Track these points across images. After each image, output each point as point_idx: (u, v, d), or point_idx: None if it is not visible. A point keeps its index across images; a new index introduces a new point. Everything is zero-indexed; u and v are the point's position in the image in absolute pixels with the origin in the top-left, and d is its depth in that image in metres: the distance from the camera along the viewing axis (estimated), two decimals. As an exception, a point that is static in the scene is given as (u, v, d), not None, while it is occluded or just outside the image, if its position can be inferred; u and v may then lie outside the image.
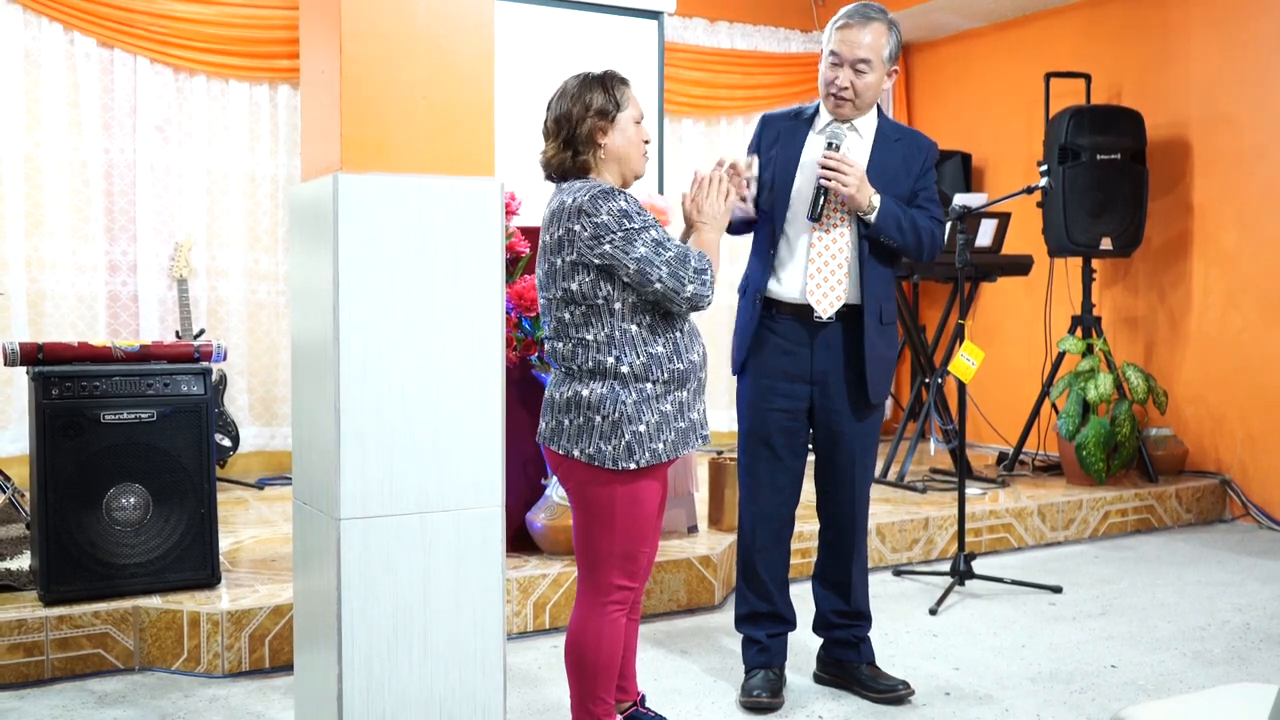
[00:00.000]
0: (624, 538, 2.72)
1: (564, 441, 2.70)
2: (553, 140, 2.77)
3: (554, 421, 2.73)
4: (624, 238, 2.60)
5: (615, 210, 2.60)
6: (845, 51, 3.21)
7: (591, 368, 2.67)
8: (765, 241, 3.33)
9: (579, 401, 2.67)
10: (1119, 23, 6.56)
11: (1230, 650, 3.87)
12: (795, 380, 3.30)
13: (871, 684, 3.41)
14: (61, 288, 5.75)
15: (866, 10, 3.25)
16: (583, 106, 2.71)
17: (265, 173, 6.20)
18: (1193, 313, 6.23)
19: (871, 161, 3.28)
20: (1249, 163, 5.93)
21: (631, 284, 2.64)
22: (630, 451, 2.65)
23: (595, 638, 2.74)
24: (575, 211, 2.62)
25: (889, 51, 3.24)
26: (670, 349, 2.70)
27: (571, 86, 2.76)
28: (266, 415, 6.26)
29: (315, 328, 2.61)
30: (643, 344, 2.67)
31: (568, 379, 2.72)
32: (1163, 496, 5.76)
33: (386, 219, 2.50)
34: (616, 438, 2.65)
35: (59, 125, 5.72)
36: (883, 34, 3.22)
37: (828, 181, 3.17)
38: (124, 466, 3.65)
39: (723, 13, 7.44)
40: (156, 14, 5.86)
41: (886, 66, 3.26)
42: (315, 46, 2.68)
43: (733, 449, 7.09)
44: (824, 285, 3.24)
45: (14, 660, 3.40)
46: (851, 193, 3.16)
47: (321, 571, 2.61)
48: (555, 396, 2.74)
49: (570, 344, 2.69)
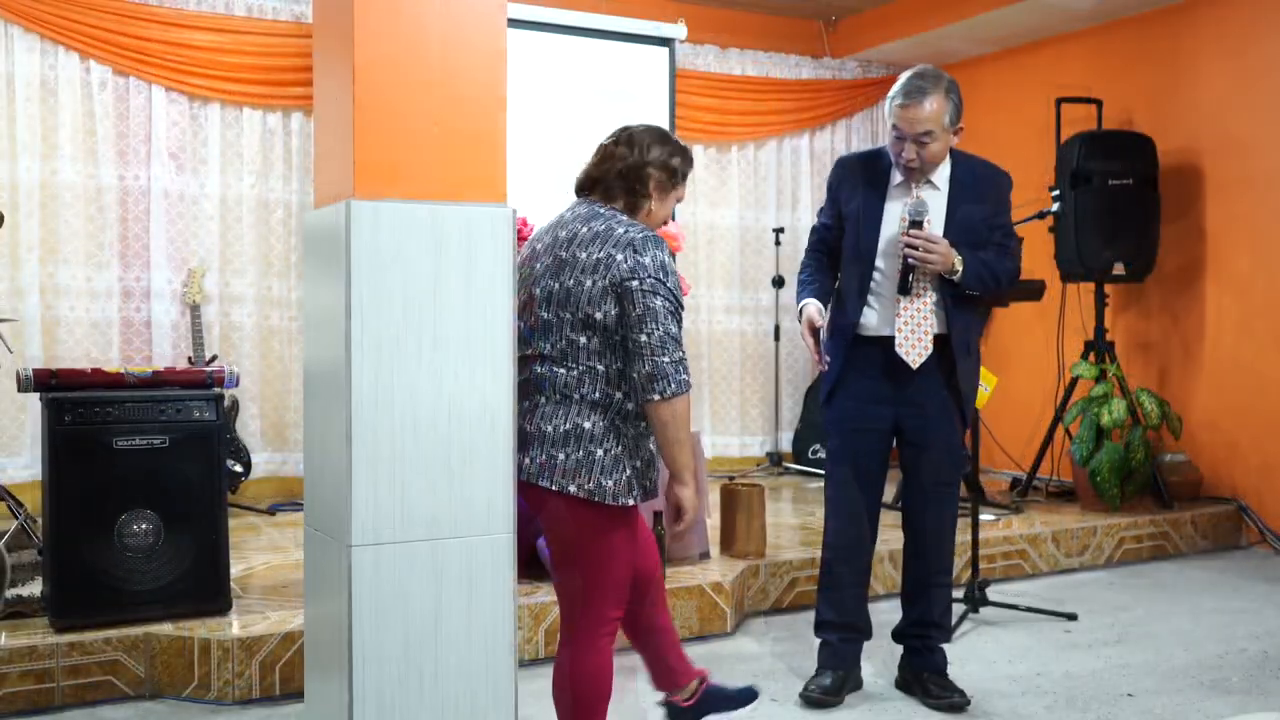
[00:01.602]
0: (619, 570, 2.70)
1: (558, 477, 2.60)
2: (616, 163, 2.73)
3: (543, 455, 2.62)
4: (652, 286, 2.57)
5: (659, 260, 2.59)
6: (906, 129, 3.32)
7: (597, 399, 2.61)
8: (855, 289, 3.48)
9: (580, 434, 2.60)
10: (1130, 48, 6.57)
11: (1249, 679, 3.83)
12: (881, 403, 3.47)
13: (931, 691, 3.55)
14: (76, 314, 5.77)
15: (922, 85, 3.31)
16: (662, 157, 2.74)
17: (278, 199, 6.23)
18: (1206, 338, 6.20)
19: (949, 215, 3.43)
20: (1261, 188, 5.92)
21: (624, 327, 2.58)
22: (630, 487, 2.63)
23: (588, 676, 2.69)
24: (626, 243, 2.59)
25: (949, 117, 3.33)
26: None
27: (657, 135, 2.78)
28: (278, 441, 6.26)
29: (327, 353, 2.61)
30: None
31: (563, 410, 2.61)
32: (1178, 523, 5.72)
33: (398, 245, 2.51)
34: (618, 472, 2.61)
35: (74, 153, 5.76)
36: (940, 103, 3.30)
37: (914, 259, 3.31)
38: (136, 492, 3.65)
39: (734, 39, 7.47)
40: (172, 43, 5.91)
41: (951, 130, 3.36)
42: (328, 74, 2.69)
43: (744, 473, 7.11)
44: (911, 339, 3.40)
45: (25, 687, 3.39)
46: (937, 267, 3.32)
47: (332, 598, 2.60)
48: (546, 430, 2.62)
49: (579, 370, 2.61)
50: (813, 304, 3.48)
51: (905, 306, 3.39)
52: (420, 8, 2.59)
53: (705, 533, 4.64)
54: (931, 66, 3.42)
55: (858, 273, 3.47)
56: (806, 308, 3.47)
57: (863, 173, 3.52)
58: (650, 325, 2.55)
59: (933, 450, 3.49)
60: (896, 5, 7.23)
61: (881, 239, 3.44)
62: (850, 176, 3.54)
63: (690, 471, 2.64)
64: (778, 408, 7.55)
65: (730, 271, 7.46)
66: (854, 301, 3.47)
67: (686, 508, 2.66)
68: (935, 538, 3.58)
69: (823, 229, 3.62)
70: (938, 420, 3.48)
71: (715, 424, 7.46)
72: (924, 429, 3.47)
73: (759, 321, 7.56)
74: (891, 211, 3.43)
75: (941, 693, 3.53)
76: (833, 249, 3.59)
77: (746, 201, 7.52)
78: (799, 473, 7.25)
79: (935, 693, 3.54)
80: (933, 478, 3.53)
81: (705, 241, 7.38)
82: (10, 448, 5.64)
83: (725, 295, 7.45)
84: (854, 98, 7.80)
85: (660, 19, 6.96)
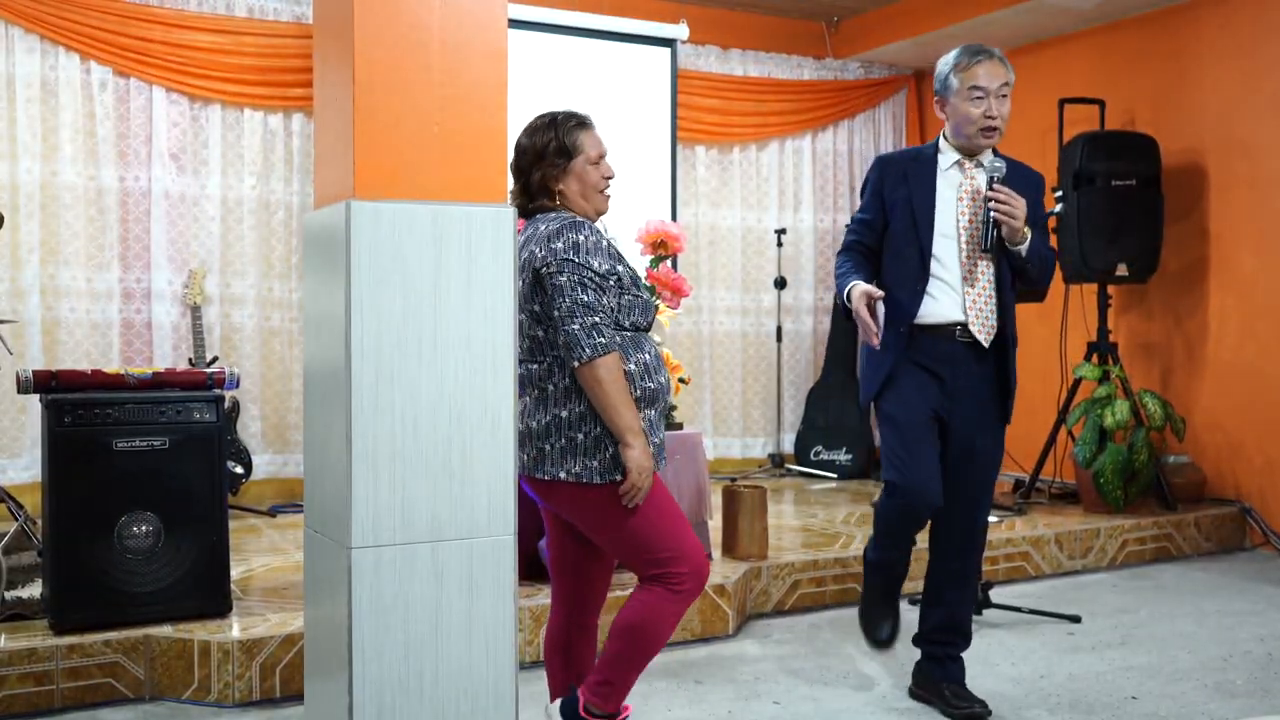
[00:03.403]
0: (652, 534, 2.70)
1: (548, 467, 2.69)
2: (515, 183, 2.85)
3: (534, 450, 2.72)
4: (558, 267, 2.65)
5: (571, 241, 2.67)
6: (989, 83, 3.32)
7: (568, 385, 2.69)
8: (912, 275, 3.40)
9: (559, 424, 2.69)
10: (1133, 49, 6.56)
11: (1253, 681, 3.81)
12: (934, 397, 3.41)
13: (950, 701, 3.48)
14: (76, 315, 5.77)
15: (983, 46, 3.38)
16: (534, 154, 2.80)
17: (279, 200, 6.23)
18: (1209, 339, 6.19)
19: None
20: (1265, 189, 5.91)
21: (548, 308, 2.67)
22: (616, 463, 2.67)
23: (657, 623, 2.71)
24: (543, 237, 2.70)
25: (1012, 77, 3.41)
26: (640, 369, 2.73)
27: (526, 133, 2.84)
28: (279, 442, 6.26)
29: (328, 354, 2.60)
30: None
31: (541, 404, 2.71)
32: (1181, 524, 5.71)
33: (399, 245, 2.50)
34: (601, 452, 2.67)
35: (75, 154, 5.76)
36: (1006, 62, 3.38)
37: (999, 214, 3.27)
38: (136, 494, 3.64)
39: (736, 40, 7.46)
40: (173, 44, 5.91)
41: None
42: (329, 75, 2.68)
43: (745, 475, 7.10)
44: (981, 314, 3.37)
45: (24, 689, 3.38)
46: (1019, 225, 3.28)
47: (333, 600, 2.59)
48: (532, 426, 2.72)
49: (546, 362, 2.71)
50: (862, 283, 3.36)
51: (979, 275, 3.36)
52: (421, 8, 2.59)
53: (707, 535, 4.63)
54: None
55: (916, 258, 3.39)
56: (856, 287, 3.34)
57: (906, 165, 3.49)
58: (559, 300, 2.64)
59: (981, 451, 3.44)
60: (899, 6, 7.22)
61: (937, 227, 3.39)
62: (894, 171, 3.49)
63: (632, 432, 2.64)
64: (780, 409, 7.54)
65: (732, 272, 7.45)
66: (913, 289, 3.39)
67: (631, 468, 2.64)
68: (969, 540, 3.52)
69: (862, 226, 3.52)
70: (989, 422, 3.43)
71: (717, 425, 7.45)
72: (970, 427, 3.41)
73: (761, 323, 7.55)
74: (944, 200, 3.40)
75: (961, 703, 3.45)
76: (872, 248, 3.51)
77: (748, 203, 7.51)
78: (801, 474, 7.23)
79: (955, 702, 3.46)
80: (974, 478, 3.46)
81: (707, 242, 7.37)
82: (10, 449, 5.64)
83: (727, 296, 7.44)
84: (856, 99, 7.78)
85: (662, 20, 6.96)
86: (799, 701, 3.59)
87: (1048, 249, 3.45)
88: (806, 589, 4.64)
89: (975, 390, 3.41)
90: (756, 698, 3.62)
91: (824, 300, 7.65)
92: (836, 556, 4.74)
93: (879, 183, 3.50)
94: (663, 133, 6.88)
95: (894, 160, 3.55)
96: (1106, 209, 5.95)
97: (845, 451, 7.14)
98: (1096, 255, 5.96)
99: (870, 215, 3.51)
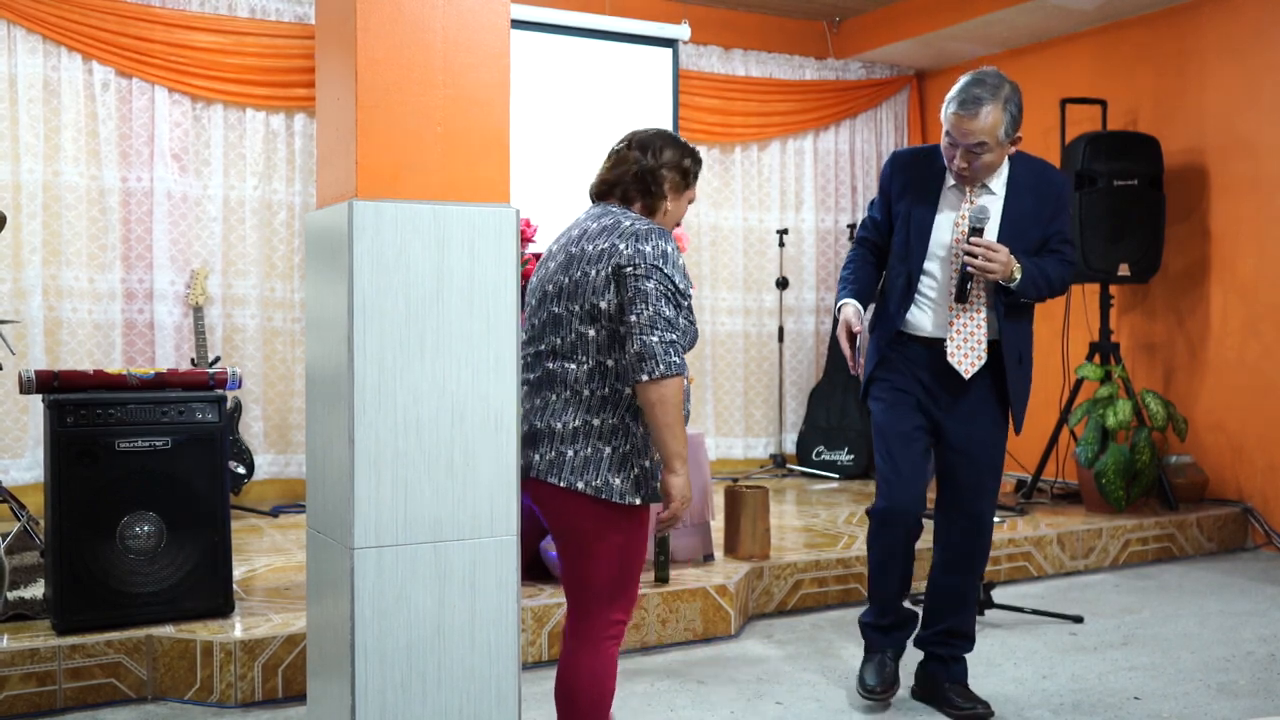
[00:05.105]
0: (625, 572, 2.67)
1: (566, 474, 2.59)
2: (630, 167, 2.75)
3: (552, 452, 2.61)
4: (646, 271, 2.56)
5: (661, 249, 2.59)
6: (959, 138, 3.22)
7: (606, 394, 2.60)
8: (901, 289, 3.38)
9: (589, 430, 2.59)
10: (1134, 49, 6.55)
11: (1256, 682, 3.81)
12: (921, 407, 3.39)
13: (953, 702, 3.46)
14: (78, 315, 5.77)
15: (979, 95, 3.18)
16: (675, 160, 2.76)
17: (281, 201, 6.23)
18: (1211, 339, 6.18)
19: (1004, 219, 3.32)
20: (1267, 189, 5.90)
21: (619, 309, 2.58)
22: (637, 486, 2.61)
23: (591, 678, 2.66)
24: (631, 233, 2.61)
25: (1005, 129, 3.21)
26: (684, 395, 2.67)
27: (670, 141, 2.79)
28: (281, 443, 6.26)
29: (330, 354, 2.60)
30: None
31: (573, 406, 2.61)
32: (1183, 525, 5.70)
33: (401, 245, 2.50)
34: (626, 470, 2.60)
35: (77, 154, 5.76)
36: (997, 115, 3.18)
37: (974, 268, 3.21)
38: (138, 494, 3.64)
39: (737, 40, 7.46)
40: (175, 44, 5.91)
41: (1006, 141, 3.24)
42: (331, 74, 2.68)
43: (747, 475, 7.10)
44: (964, 347, 3.31)
45: (26, 690, 3.38)
46: (997, 275, 3.22)
47: (335, 601, 2.59)
48: (556, 426, 2.62)
49: (588, 365, 2.61)
50: (851, 305, 3.35)
51: (959, 315, 3.29)
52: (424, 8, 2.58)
53: (710, 535, 4.63)
54: (994, 71, 3.25)
55: (904, 272, 3.36)
56: (845, 309, 3.34)
57: (916, 171, 3.40)
58: (640, 306, 2.54)
59: (976, 457, 3.39)
60: (900, 6, 7.21)
61: (932, 242, 3.33)
62: (902, 174, 3.43)
63: (681, 460, 2.59)
64: (781, 409, 7.54)
65: (734, 273, 7.45)
66: (899, 300, 3.37)
67: (674, 496, 2.60)
68: (973, 548, 3.48)
69: (871, 224, 3.51)
70: (983, 427, 3.38)
71: (719, 426, 7.45)
72: (968, 435, 3.37)
73: (762, 323, 7.55)
74: (944, 215, 3.33)
75: (964, 704, 3.44)
76: (880, 245, 3.50)
77: (750, 203, 7.51)
78: (803, 474, 7.23)
79: (958, 704, 3.45)
80: (971, 484, 3.42)
81: (709, 243, 7.37)
82: (13, 450, 5.64)
83: (729, 296, 7.44)
84: (858, 99, 7.78)
85: (663, 20, 6.96)
86: (801, 702, 3.59)
87: (1059, 267, 3.33)
88: (809, 589, 4.64)
89: (971, 406, 3.37)
90: (759, 698, 3.62)
91: (825, 300, 7.65)
92: (839, 557, 4.74)
93: (888, 183, 3.47)
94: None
95: (905, 163, 3.46)
96: (1108, 209, 5.95)
97: (847, 452, 7.13)
98: (1098, 255, 5.95)
99: (879, 215, 3.51)
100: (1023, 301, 3.34)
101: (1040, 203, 3.35)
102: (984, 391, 3.37)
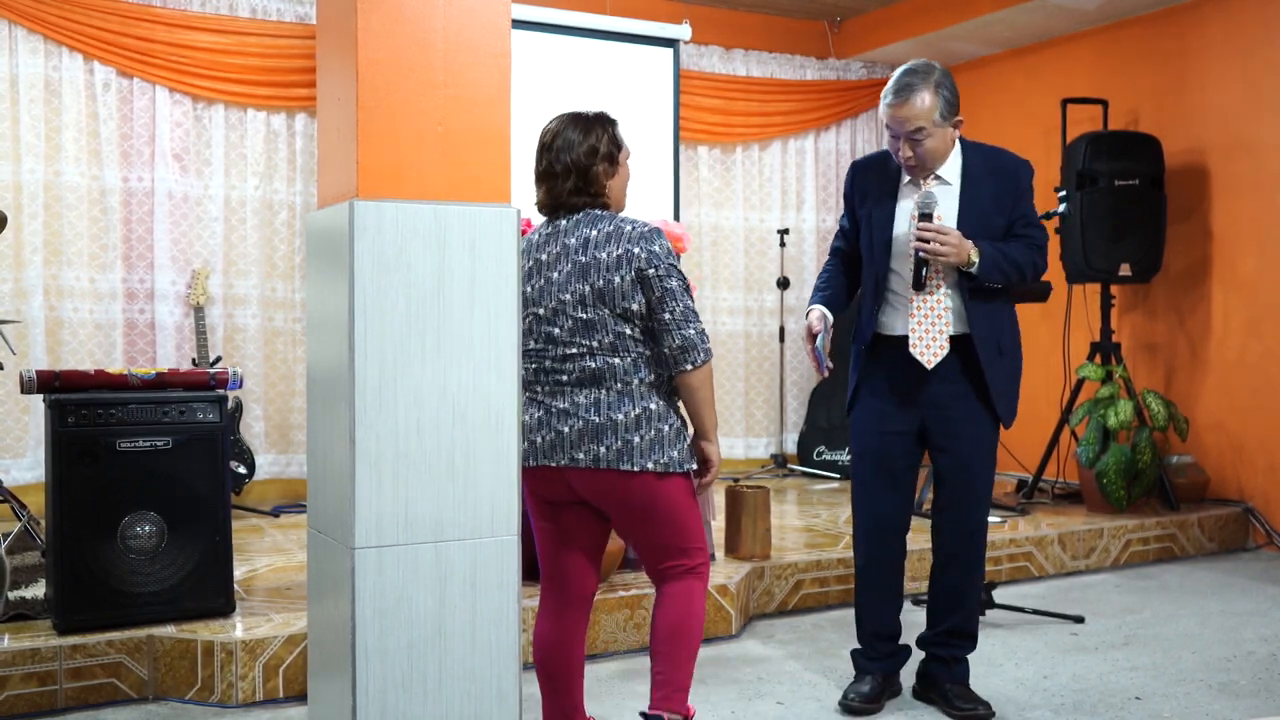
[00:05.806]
0: (694, 516, 2.90)
1: (637, 458, 2.76)
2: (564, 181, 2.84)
3: (619, 442, 2.76)
4: (667, 271, 2.79)
5: (665, 247, 2.82)
6: (897, 127, 3.28)
7: (653, 380, 2.82)
8: (871, 291, 3.44)
9: (649, 415, 2.79)
10: (1136, 49, 6.55)
11: (1257, 681, 3.81)
12: (906, 405, 3.41)
13: (954, 703, 3.47)
14: (80, 315, 5.77)
15: (910, 81, 3.26)
16: (590, 150, 2.83)
17: (282, 201, 6.23)
18: (1212, 339, 6.18)
19: (962, 208, 3.33)
20: (1269, 189, 5.90)
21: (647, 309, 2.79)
22: (690, 454, 2.87)
23: (698, 613, 2.90)
24: (638, 237, 2.79)
25: (941, 111, 3.25)
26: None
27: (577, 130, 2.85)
28: (282, 442, 6.26)
29: (330, 354, 2.60)
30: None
31: (627, 398, 2.78)
32: (1184, 525, 5.70)
33: (402, 245, 2.50)
34: (681, 442, 2.84)
35: (78, 154, 5.76)
36: (930, 99, 3.24)
37: (926, 252, 3.24)
38: (139, 494, 3.64)
39: (738, 40, 7.46)
40: (176, 44, 5.91)
41: (946, 124, 3.28)
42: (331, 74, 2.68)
43: (748, 475, 7.09)
44: (925, 339, 3.32)
45: (27, 690, 3.38)
46: (951, 261, 3.24)
47: (336, 600, 2.59)
48: (618, 419, 2.76)
49: (631, 357, 2.79)
50: (816, 310, 3.41)
51: (919, 305, 3.31)
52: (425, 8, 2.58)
53: (711, 535, 4.62)
54: (923, 60, 3.33)
55: (873, 274, 3.41)
56: (810, 313, 3.41)
57: (873, 175, 3.48)
58: (671, 304, 2.77)
59: (960, 454, 3.40)
60: (901, 6, 7.21)
61: (895, 239, 3.38)
62: (861, 180, 3.50)
63: (715, 429, 2.92)
64: (782, 409, 7.54)
65: (735, 273, 7.45)
66: (871, 303, 3.42)
67: (714, 461, 2.92)
68: (966, 546, 3.48)
69: (841, 234, 3.58)
70: (965, 423, 3.37)
71: (720, 425, 7.42)
72: (951, 433, 3.38)
73: (763, 323, 7.55)
74: (903, 210, 3.38)
75: (964, 704, 3.44)
76: (850, 254, 3.54)
77: (751, 203, 7.51)
78: (804, 474, 7.23)
79: (958, 704, 3.44)
80: (961, 482, 3.42)
81: (710, 243, 7.37)
82: (14, 449, 5.64)
83: (730, 296, 7.44)
84: (859, 99, 7.78)
85: (664, 20, 6.96)
86: (802, 701, 3.59)
87: (1026, 250, 3.32)
88: (809, 589, 4.64)
89: (952, 402, 3.37)
90: (760, 698, 3.62)
91: (827, 300, 7.64)
92: (839, 557, 4.74)
93: (850, 191, 3.55)
94: (665, 133, 6.87)
95: (863, 169, 3.55)
96: (1109, 209, 5.95)
97: (848, 452, 7.12)
98: (1099, 255, 5.95)
99: (846, 223, 3.58)
100: (991, 287, 3.32)
101: (1000, 189, 3.35)
102: (964, 387, 3.36)
